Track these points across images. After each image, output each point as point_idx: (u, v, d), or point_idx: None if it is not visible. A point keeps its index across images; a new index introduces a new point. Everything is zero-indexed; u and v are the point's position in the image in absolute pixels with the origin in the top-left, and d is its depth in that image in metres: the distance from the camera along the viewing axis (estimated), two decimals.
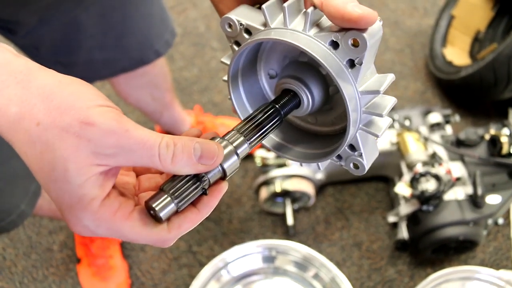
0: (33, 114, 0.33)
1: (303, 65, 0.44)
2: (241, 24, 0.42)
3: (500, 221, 1.34)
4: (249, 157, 1.65)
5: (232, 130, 0.41)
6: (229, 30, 0.43)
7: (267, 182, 1.42)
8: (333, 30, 0.38)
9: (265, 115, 0.42)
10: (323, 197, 1.57)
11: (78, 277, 1.43)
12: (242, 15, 0.42)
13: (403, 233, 1.33)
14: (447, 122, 1.43)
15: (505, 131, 1.29)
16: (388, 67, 1.88)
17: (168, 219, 0.38)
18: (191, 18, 2.09)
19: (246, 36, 0.42)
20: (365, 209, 1.55)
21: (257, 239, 1.49)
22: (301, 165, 0.46)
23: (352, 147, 0.44)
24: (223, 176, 0.40)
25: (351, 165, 0.45)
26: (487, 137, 1.31)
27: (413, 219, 1.30)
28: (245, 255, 1.19)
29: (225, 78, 0.46)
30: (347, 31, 0.36)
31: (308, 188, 1.41)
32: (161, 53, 1.11)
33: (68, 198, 0.34)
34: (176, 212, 0.38)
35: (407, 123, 1.43)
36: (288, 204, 1.45)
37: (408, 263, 1.43)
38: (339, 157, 0.45)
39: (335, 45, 0.38)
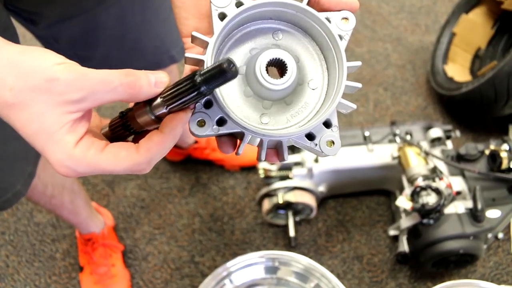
0: (5, 82, 0.38)
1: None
2: None
3: (500, 235, 1.35)
4: (252, 169, 1.67)
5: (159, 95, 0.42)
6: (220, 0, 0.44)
7: (269, 194, 1.44)
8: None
9: (184, 87, 0.38)
10: (324, 210, 1.59)
11: (80, 285, 1.44)
12: None
13: (404, 246, 1.34)
14: (448, 137, 1.46)
15: (505, 146, 1.31)
16: (390, 82, 1.91)
17: (139, 137, 0.43)
18: None
19: (235, 8, 0.44)
20: (366, 222, 1.56)
21: (259, 250, 1.50)
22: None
23: (326, 124, 0.45)
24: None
25: (325, 143, 0.44)
26: (487, 152, 1.33)
27: (413, 233, 1.31)
28: (248, 265, 1.20)
29: (190, 54, 0.44)
30: (339, 11, 0.46)
31: (310, 201, 1.43)
32: (177, 60, 1.13)
33: (50, 145, 0.39)
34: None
35: (408, 137, 1.45)
36: (290, 216, 1.46)
37: (409, 277, 1.44)
38: (311, 137, 0.44)
39: (328, 20, 0.46)
